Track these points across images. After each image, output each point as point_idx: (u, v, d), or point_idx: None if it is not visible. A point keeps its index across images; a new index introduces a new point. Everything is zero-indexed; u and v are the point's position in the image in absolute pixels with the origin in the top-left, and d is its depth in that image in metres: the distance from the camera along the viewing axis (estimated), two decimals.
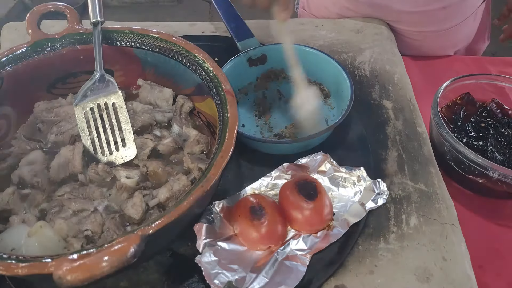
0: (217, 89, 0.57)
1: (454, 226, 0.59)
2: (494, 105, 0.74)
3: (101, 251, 0.38)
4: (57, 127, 0.63)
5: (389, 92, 0.79)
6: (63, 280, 0.36)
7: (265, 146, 0.66)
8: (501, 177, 0.62)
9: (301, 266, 0.53)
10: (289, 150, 0.66)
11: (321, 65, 0.74)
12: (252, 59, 0.75)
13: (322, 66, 0.74)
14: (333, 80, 0.73)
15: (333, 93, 0.75)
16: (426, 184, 0.64)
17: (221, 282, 0.50)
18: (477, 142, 0.69)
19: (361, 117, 0.73)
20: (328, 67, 0.72)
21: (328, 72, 0.73)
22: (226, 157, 0.48)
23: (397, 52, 0.89)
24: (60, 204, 0.55)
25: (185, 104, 0.66)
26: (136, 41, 0.64)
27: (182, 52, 0.62)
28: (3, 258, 0.40)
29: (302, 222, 0.56)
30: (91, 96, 0.60)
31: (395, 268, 0.55)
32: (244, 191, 0.60)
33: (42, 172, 0.58)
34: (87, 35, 0.64)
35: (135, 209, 0.53)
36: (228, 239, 0.55)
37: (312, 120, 0.67)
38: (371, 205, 0.59)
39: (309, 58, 0.73)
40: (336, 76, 0.71)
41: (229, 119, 0.52)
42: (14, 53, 0.61)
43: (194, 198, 0.44)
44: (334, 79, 0.72)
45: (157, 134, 0.64)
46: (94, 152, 0.60)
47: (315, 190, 0.56)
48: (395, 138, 0.71)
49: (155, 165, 0.58)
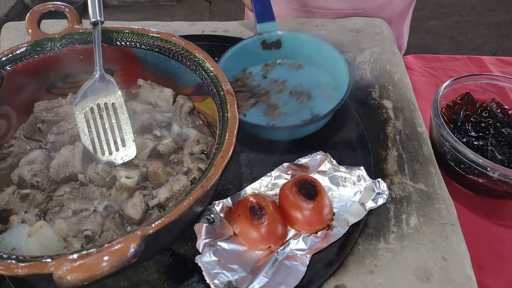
0: (217, 89, 0.57)
1: (454, 226, 0.59)
2: (494, 105, 0.74)
3: (101, 251, 0.38)
4: (57, 127, 0.63)
5: (389, 92, 0.78)
6: (63, 280, 0.36)
7: (265, 132, 0.67)
8: (501, 177, 0.62)
9: (301, 266, 0.53)
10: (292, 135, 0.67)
11: (319, 52, 0.74)
12: (267, 43, 0.75)
13: (319, 53, 0.74)
14: (330, 65, 0.73)
15: (330, 82, 0.75)
16: (426, 184, 0.64)
17: (221, 282, 0.50)
18: (477, 142, 0.69)
19: (361, 117, 0.73)
20: (325, 52, 0.73)
21: (324, 57, 0.74)
22: (226, 157, 0.48)
23: (397, 52, 0.88)
24: (60, 204, 0.55)
25: (185, 104, 0.66)
26: (136, 41, 0.64)
27: (182, 52, 0.61)
28: (3, 258, 0.40)
29: (302, 222, 0.56)
30: (91, 96, 0.60)
31: (395, 268, 0.55)
32: (244, 191, 0.60)
33: (42, 171, 0.58)
34: (87, 35, 0.64)
35: (135, 209, 0.53)
36: (228, 239, 0.55)
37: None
38: (371, 205, 0.59)
39: (306, 45, 0.74)
40: (334, 60, 0.71)
41: (229, 119, 0.52)
42: (14, 53, 0.61)
43: (194, 198, 0.44)
44: (331, 64, 0.73)
45: (157, 134, 0.64)
46: (94, 152, 0.60)
47: (315, 190, 0.56)
48: (395, 138, 0.71)
49: (155, 165, 0.58)
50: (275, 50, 0.77)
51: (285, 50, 0.77)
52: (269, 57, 0.77)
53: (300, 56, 0.77)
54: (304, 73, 0.76)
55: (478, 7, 2.86)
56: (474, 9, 2.84)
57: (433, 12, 2.82)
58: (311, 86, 0.74)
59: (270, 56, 0.77)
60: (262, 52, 0.76)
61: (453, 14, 2.81)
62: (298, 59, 0.77)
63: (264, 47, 0.76)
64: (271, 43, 0.76)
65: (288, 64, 0.78)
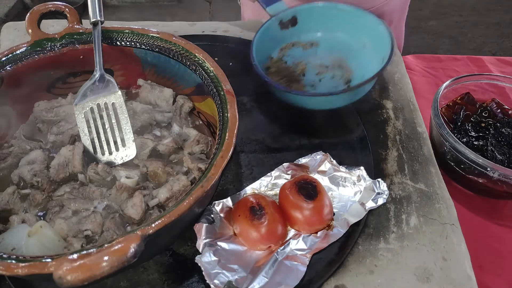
0: (217, 89, 0.57)
1: (454, 226, 0.59)
2: (494, 105, 0.74)
3: (101, 251, 0.38)
4: (57, 127, 0.63)
5: (389, 92, 0.78)
6: (63, 280, 0.36)
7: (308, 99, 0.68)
8: (501, 177, 0.62)
9: (301, 266, 0.53)
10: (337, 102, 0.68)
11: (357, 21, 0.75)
12: (283, 22, 0.76)
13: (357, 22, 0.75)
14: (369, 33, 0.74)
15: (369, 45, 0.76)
16: (426, 184, 0.64)
17: (221, 282, 0.50)
18: (477, 142, 0.69)
19: (361, 116, 0.73)
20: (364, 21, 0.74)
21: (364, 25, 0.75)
22: (226, 157, 0.48)
23: (398, 52, 0.88)
24: (60, 204, 0.55)
25: (185, 104, 0.66)
26: (136, 41, 0.64)
27: (182, 52, 0.61)
28: (3, 258, 0.40)
29: (302, 222, 0.56)
30: (90, 96, 0.60)
31: (395, 268, 0.55)
32: (244, 191, 0.60)
33: (42, 172, 0.58)
34: (87, 35, 0.64)
35: (135, 209, 0.53)
36: (228, 239, 0.55)
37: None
38: (371, 205, 0.59)
39: (322, 14, 0.76)
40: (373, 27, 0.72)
41: (229, 119, 0.52)
42: (14, 53, 0.61)
43: (194, 198, 0.44)
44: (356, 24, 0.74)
45: (157, 134, 0.64)
46: (94, 152, 0.60)
47: (315, 190, 0.56)
48: (395, 138, 0.71)
49: (155, 165, 0.58)
50: (292, 28, 0.77)
51: (300, 26, 0.78)
52: (288, 36, 0.78)
53: (317, 26, 0.78)
54: (326, 45, 0.78)
55: (478, 7, 2.86)
56: (474, 9, 2.84)
57: (433, 12, 2.82)
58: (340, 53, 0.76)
59: (288, 36, 0.78)
60: (281, 33, 0.77)
61: (453, 14, 2.81)
62: (316, 30, 0.78)
63: (282, 27, 0.76)
64: (287, 21, 0.76)
65: (305, 43, 0.79)
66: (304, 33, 0.79)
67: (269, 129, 0.71)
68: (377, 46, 0.72)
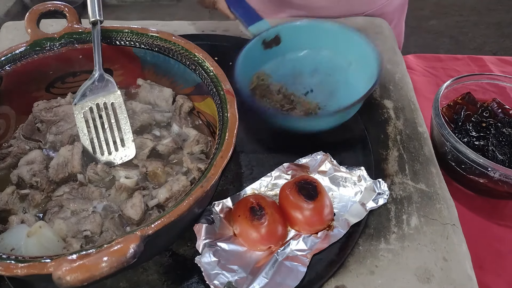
0: (217, 89, 0.56)
1: (455, 227, 0.59)
2: (495, 104, 0.74)
3: (101, 251, 0.38)
4: (56, 127, 0.63)
5: (390, 92, 0.78)
6: (62, 281, 0.36)
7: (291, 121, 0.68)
8: (502, 177, 0.62)
9: (301, 267, 0.52)
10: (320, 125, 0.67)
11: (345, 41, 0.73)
12: (266, 41, 0.74)
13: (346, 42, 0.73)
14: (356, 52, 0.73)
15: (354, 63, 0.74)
16: (427, 184, 0.64)
17: (221, 283, 0.50)
18: (478, 142, 0.69)
19: (361, 116, 0.72)
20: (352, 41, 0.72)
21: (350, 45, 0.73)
22: (226, 157, 0.48)
23: (398, 52, 0.88)
24: (59, 204, 0.55)
25: (184, 104, 0.66)
26: (135, 40, 0.64)
27: (181, 51, 0.61)
28: (3, 259, 0.40)
29: (302, 223, 0.55)
30: (90, 96, 0.60)
31: (396, 268, 0.55)
32: (244, 191, 0.60)
33: (41, 172, 0.58)
34: (86, 35, 0.63)
35: (135, 210, 0.53)
36: (228, 240, 0.55)
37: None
38: (371, 205, 0.59)
39: (305, 32, 0.75)
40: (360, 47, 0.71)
41: (229, 119, 0.52)
42: (13, 53, 0.61)
43: (194, 199, 0.44)
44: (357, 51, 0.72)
45: (157, 134, 0.64)
46: (93, 152, 0.60)
47: (315, 190, 0.56)
48: (396, 138, 0.70)
49: (154, 165, 0.58)
50: (275, 47, 0.76)
51: (284, 44, 0.76)
52: (271, 55, 0.76)
53: (301, 45, 0.76)
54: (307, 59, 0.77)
55: (478, 6, 2.86)
56: (475, 9, 2.84)
57: (433, 11, 2.81)
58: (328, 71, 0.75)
59: (271, 54, 0.76)
60: (265, 52, 0.75)
61: (453, 13, 2.81)
62: (300, 48, 0.77)
63: (265, 47, 0.75)
64: (270, 40, 0.75)
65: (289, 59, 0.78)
66: (289, 52, 0.77)
67: (269, 129, 0.71)
68: (364, 65, 0.70)
